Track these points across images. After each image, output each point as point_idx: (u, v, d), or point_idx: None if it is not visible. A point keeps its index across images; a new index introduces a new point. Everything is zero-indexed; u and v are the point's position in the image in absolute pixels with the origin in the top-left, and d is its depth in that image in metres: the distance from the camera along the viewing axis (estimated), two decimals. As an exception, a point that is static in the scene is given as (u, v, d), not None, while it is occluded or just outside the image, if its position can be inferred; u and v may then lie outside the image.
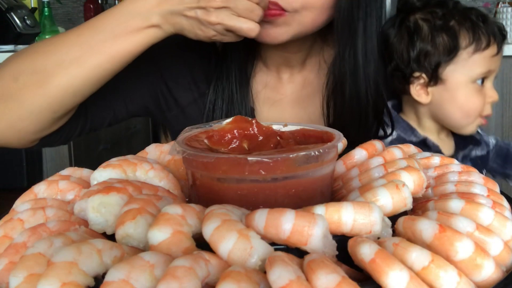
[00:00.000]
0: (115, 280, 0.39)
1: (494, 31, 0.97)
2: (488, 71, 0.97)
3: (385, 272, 0.41)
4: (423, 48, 0.97)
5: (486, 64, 0.97)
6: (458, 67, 0.96)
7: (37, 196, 0.61)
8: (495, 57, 0.97)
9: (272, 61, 1.02)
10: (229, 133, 0.61)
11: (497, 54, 0.97)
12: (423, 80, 0.99)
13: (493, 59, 0.97)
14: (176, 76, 1.02)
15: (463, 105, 0.98)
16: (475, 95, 0.98)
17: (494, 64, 0.98)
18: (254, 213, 0.47)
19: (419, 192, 0.58)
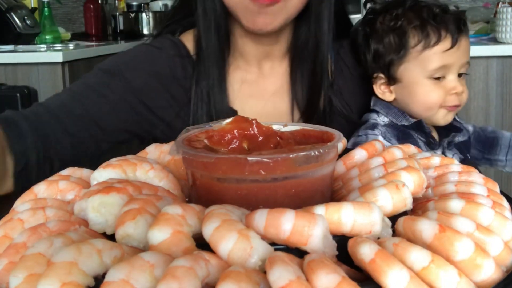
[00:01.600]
0: (115, 280, 0.39)
1: (447, 25, 0.98)
2: (442, 65, 0.98)
3: (385, 272, 0.41)
4: (376, 49, 1.03)
5: (439, 59, 0.99)
6: (411, 65, 1.00)
7: (37, 196, 0.61)
8: (449, 51, 0.98)
9: (252, 56, 1.03)
10: (229, 133, 0.61)
11: (451, 48, 0.98)
12: (383, 80, 1.04)
13: (448, 53, 0.98)
14: (153, 97, 1.01)
15: (422, 100, 1.02)
16: (433, 90, 1.00)
17: (450, 58, 0.98)
18: (254, 213, 0.47)
19: (419, 192, 0.58)
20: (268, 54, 1.03)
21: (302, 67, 1.02)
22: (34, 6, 2.64)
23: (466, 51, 1.00)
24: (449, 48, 0.98)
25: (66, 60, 2.14)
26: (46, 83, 2.14)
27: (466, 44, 1.00)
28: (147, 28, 3.52)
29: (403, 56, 1.00)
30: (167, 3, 3.81)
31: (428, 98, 1.01)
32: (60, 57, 2.12)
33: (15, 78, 2.14)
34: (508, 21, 2.07)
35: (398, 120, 1.04)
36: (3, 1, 2.33)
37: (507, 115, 2.31)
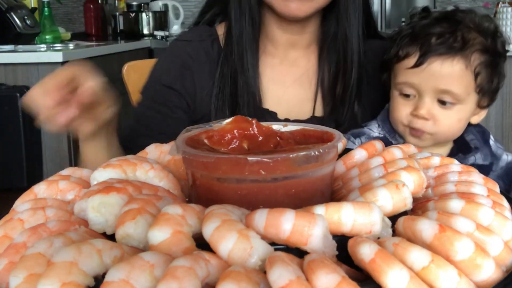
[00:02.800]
0: (115, 280, 0.39)
1: (423, 43, 0.91)
2: (405, 82, 0.94)
3: (385, 272, 0.41)
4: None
5: (403, 75, 0.94)
6: (391, 75, 0.98)
7: (37, 196, 0.61)
8: (413, 69, 0.91)
9: (279, 43, 1.07)
10: (229, 133, 0.61)
11: (413, 67, 0.91)
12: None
13: (411, 72, 0.92)
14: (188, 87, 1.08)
15: (391, 113, 0.99)
16: (398, 104, 0.96)
17: (415, 78, 0.92)
18: (254, 213, 0.47)
19: (419, 192, 0.58)
20: (294, 43, 1.07)
21: (330, 58, 1.06)
22: (34, 6, 2.64)
23: (440, 78, 0.90)
24: (411, 67, 0.91)
25: (66, 60, 2.14)
26: (46, 83, 2.13)
27: (445, 70, 0.90)
28: (147, 28, 3.52)
29: (386, 66, 0.99)
30: (167, 3, 3.81)
31: (394, 112, 0.97)
32: (60, 57, 2.12)
33: (15, 78, 2.14)
34: (508, 21, 2.06)
35: (391, 137, 1.00)
36: (3, 1, 2.33)
37: (507, 115, 2.30)
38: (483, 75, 0.92)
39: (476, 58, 0.90)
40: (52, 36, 2.65)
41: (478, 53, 0.91)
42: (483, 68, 0.91)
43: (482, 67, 0.91)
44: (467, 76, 0.90)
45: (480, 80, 0.91)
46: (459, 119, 0.93)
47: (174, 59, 1.08)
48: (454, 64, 0.90)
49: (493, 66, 0.93)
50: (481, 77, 0.91)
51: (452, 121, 0.93)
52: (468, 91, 0.91)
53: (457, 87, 0.90)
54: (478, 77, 0.91)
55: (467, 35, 0.90)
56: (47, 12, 2.64)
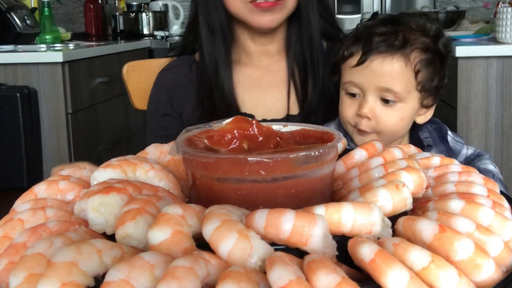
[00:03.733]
0: (115, 280, 0.39)
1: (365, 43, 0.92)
2: (350, 81, 0.94)
3: (385, 272, 0.41)
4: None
5: (348, 75, 0.95)
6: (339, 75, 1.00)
7: (37, 196, 0.61)
8: (355, 68, 0.92)
9: (252, 53, 1.14)
10: (229, 133, 0.61)
11: (356, 65, 0.92)
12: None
13: (355, 70, 0.93)
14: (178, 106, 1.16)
15: (339, 112, 1.00)
16: (344, 104, 0.97)
17: (358, 76, 0.93)
18: (254, 213, 0.47)
19: (419, 192, 0.58)
20: (266, 51, 1.14)
21: (298, 60, 1.13)
22: (34, 6, 2.63)
23: (381, 75, 0.91)
24: (354, 66, 0.92)
25: (66, 60, 2.14)
26: (46, 83, 2.13)
27: (385, 67, 0.91)
28: (147, 28, 3.52)
29: (336, 64, 0.99)
30: (167, 3, 3.81)
31: (341, 112, 0.98)
32: (60, 57, 2.12)
33: (15, 78, 2.14)
34: (508, 21, 2.06)
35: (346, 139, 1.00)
36: (3, 1, 2.33)
37: (507, 115, 2.30)
38: (424, 73, 0.93)
39: (416, 56, 0.92)
40: (52, 36, 2.65)
41: (419, 52, 0.92)
42: (423, 67, 0.92)
43: (422, 65, 0.92)
44: (407, 73, 0.92)
45: (420, 78, 0.93)
46: (402, 117, 0.94)
47: (160, 88, 1.17)
48: (394, 62, 0.91)
49: (434, 65, 0.94)
50: (421, 75, 0.93)
51: (394, 119, 0.94)
52: (408, 88, 0.93)
53: (397, 84, 0.91)
54: (418, 74, 0.92)
55: (409, 34, 0.92)
56: (47, 12, 2.64)
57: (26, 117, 2.05)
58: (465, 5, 3.96)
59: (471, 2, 4.02)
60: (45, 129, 2.15)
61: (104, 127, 2.51)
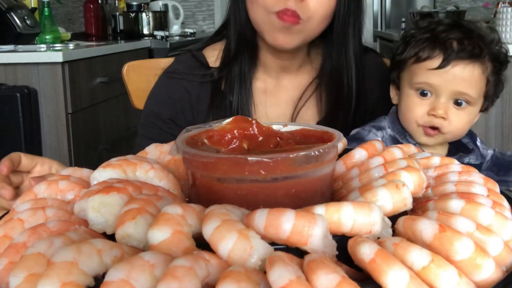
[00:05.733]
0: (115, 280, 0.39)
1: (446, 46, 0.96)
2: (426, 83, 0.97)
3: (385, 272, 0.41)
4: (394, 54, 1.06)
5: (423, 76, 0.98)
6: (405, 74, 1.02)
7: (37, 196, 0.61)
8: (435, 70, 0.96)
9: (272, 68, 1.10)
10: (229, 133, 0.61)
11: (437, 68, 0.96)
12: (394, 84, 1.07)
13: (433, 73, 0.96)
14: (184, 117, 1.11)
15: (404, 110, 1.02)
16: (414, 103, 1.00)
17: (436, 79, 0.96)
18: (254, 213, 0.47)
19: (419, 192, 0.58)
20: (285, 68, 1.10)
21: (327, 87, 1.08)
22: (34, 6, 2.64)
23: (461, 81, 0.96)
24: (435, 68, 0.96)
25: (66, 60, 2.14)
26: (46, 83, 2.14)
27: (466, 73, 0.96)
28: (147, 28, 3.52)
29: (402, 64, 1.02)
30: (167, 3, 3.81)
31: (408, 111, 1.00)
32: (60, 57, 2.12)
33: (15, 78, 2.14)
34: (508, 21, 2.06)
35: (401, 138, 1.04)
36: (3, 1, 2.33)
37: (507, 115, 2.30)
38: (492, 81, 0.99)
39: (489, 65, 0.98)
40: (52, 36, 2.65)
41: (490, 61, 0.98)
42: (492, 75, 0.99)
43: (491, 74, 0.99)
44: (482, 80, 0.98)
45: (489, 85, 0.99)
46: (470, 120, 1.01)
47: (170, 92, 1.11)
48: (474, 69, 0.96)
49: (498, 74, 1.00)
50: (490, 83, 0.99)
51: (464, 122, 1.00)
52: (480, 94, 0.99)
53: (473, 90, 0.97)
54: (488, 83, 0.99)
55: (481, 43, 0.97)
56: (47, 12, 2.64)
57: (26, 117, 2.05)
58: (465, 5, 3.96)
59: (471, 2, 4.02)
60: (45, 129, 2.15)
61: (104, 127, 2.52)
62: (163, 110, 1.10)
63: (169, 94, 1.11)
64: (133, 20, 3.52)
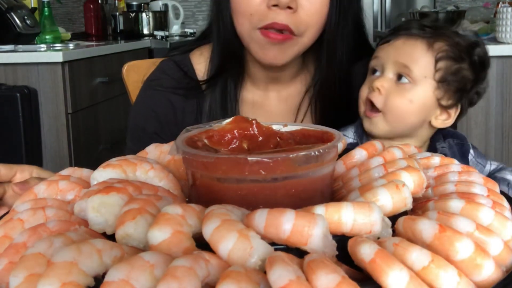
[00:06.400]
0: (115, 280, 0.39)
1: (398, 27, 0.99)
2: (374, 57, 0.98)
3: (385, 272, 0.41)
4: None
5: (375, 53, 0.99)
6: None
7: (37, 196, 0.61)
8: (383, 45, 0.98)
9: (260, 79, 1.04)
10: (229, 133, 0.61)
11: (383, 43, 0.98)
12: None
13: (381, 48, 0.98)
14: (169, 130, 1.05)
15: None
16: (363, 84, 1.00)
17: (381, 52, 0.97)
18: (254, 213, 0.47)
19: (419, 192, 0.58)
20: (274, 79, 1.04)
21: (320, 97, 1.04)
22: (34, 6, 2.64)
23: (403, 53, 0.94)
24: (381, 43, 0.98)
25: (66, 60, 2.14)
26: (46, 83, 2.14)
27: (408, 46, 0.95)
28: (147, 28, 3.52)
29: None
30: (167, 3, 3.81)
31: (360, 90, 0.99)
32: (60, 57, 2.12)
33: (15, 78, 2.14)
34: (508, 21, 2.06)
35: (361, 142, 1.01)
36: (3, 1, 2.33)
37: (507, 115, 2.30)
38: (445, 64, 0.94)
39: (441, 46, 0.94)
40: (52, 36, 2.65)
41: (446, 45, 0.94)
42: (446, 58, 0.94)
43: (445, 56, 0.94)
44: (426, 58, 0.94)
45: (440, 66, 0.93)
46: (411, 99, 0.94)
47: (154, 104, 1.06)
48: (416, 44, 0.94)
49: (460, 64, 0.94)
50: (441, 65, 0.94)
51: (403, 100, 0.94)
52: (424, 73, 0.94)
53: (415, 65, 0.94)
54: (438, 62, 0.93)
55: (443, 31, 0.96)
56: (47, 12, 2.64)
57: (26, 117, 2.05)
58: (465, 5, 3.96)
59: (471, 2, 4.02)
60: (45, 129, 2.15)
61: (104, 127, 2.52)
62: (147, 124, 1.06)
63: (152, 107, 1.06)
64: (133, 20, 3.52)
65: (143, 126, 1.07)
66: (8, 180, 0.78)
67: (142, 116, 1.08)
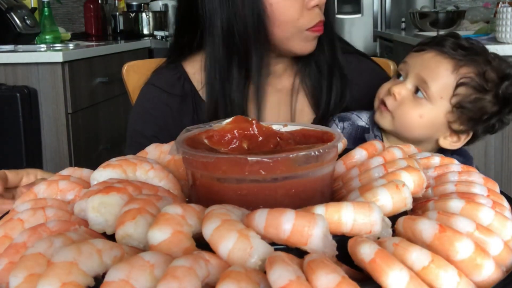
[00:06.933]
0: (115, 280, 0.39)
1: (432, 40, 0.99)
2: (403, 61, 1.00)
3: (385, 272, 0.41)
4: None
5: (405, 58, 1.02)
6: None
7: (37, 196, 0.61)
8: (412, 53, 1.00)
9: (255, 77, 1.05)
10: (229, 133, 0.61)
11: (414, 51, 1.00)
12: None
13: (410, 55, 1.00)
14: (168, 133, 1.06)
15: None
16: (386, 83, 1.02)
17: (409, 59, 0.99)
18: (254, 213, 0.47)
19: (419, 192, 0.58)
20: (270, 72, 1.07)
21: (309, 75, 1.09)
22: (34, 6, 2.64)
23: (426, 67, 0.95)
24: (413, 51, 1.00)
25: (66, 60, 2.14)
26: (46, 83, 2.14)
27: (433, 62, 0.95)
28: (147, 28, 3.52)
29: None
30: (167, 3, 3.81)
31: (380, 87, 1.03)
32: (60, 57, 2.12)
33: (15, 78, 2.14)
34: (508, 21, 2.06)
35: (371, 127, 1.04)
36: (3, 1, 2.33)
37: (507, 115, 2.30)
38: (465, 91, 0.92)
39: (467, 72, 0.92)
40: (52, 36, 2.65)
41: (472, 72, 0.92)
42: (468, 86, 0.92)
43: (467, 84, 0.92)
44: (448, 79, 0.93)
45: (459, 92, 0.92)
46: (421, 114, 0.95)
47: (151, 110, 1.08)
48: (442, 63, 0.94)
49: (482, 94, 0.93)
50: (461, 90, 0.92)
51: (413, 112, 0.95)
52: (442, 94, 0.93)
53: (434, 82, 0.93)
54: (458, 88, 0.92)
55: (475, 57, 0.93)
56: (47, 12, 2.64)
57: (26, 117, 2.05)
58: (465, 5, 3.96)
59: (471, 2, 4.02)
60: (45, 129, 2.15)
61: (104, 127, 2.52)
62: (146, 127, 1.08)
63: (150, 111, 1.08)
64: (133, 20, 3.51)
65: (141, 130, 1.08)
66: (15, 186, 0.79)
67: (140, 120, 1.10)
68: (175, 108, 1.07)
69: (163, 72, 1.11)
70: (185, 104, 1.07)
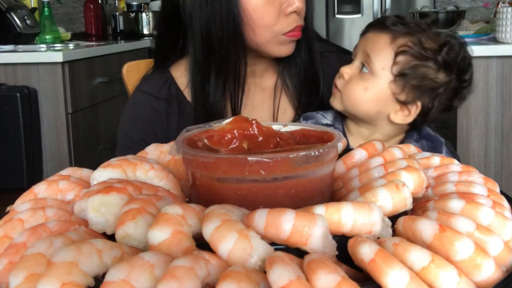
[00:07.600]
0: (115, 280, 0.39)
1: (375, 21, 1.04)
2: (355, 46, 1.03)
3: (385, 272, 0.41)
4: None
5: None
6: None
7: (37, 196, 0.61)
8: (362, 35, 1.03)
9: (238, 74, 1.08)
10: (229, 133, 0.61)
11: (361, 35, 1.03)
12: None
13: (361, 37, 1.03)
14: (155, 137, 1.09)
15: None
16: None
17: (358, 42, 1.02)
18: (254, 213, 0.47)
19: (419, 192, 0.58)
20: (251, 72, 1.09)
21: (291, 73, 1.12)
22: (34, 6, 2.63)
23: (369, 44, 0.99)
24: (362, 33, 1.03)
25: (66, 60, 2.14)
26: (46, 83, 2.13)
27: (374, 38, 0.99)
28: (147, 28, 3.52)
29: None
30: (167, 3, 3.80)
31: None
32: (60, 57, 2.11)
33: (15, 78, 2.14)
34: (508, 21, 2.06)
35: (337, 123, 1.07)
36: (3, 1, 2.33)
37: (507, 115, 2.31)
38: (405, 59, 0.95)
39: (404, 41, 0.95)
40: (52, 36, 2.65)
41: (410, 41, 0.95)
42: (407, 54, 0.95)
43: (406, 52, 0.95)
44: (387, 50, 0.96)
45: (399, 60, 0.95)
46: (365, 87, 0.98)
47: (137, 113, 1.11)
48: (381, 36, 0.98)
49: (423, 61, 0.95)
50: (401, 59, 0.95)
51: (358, 86, 0.98)
52: (383, 65, 0.96)
53: (376, 57, 0.96)
54: (397, 56, 0.95)
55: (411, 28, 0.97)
56: (47, 12, 2.64)
57: (26, 117, 2.05)
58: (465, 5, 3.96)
59: (471, 2, 4.02)
60: (45, 129, 2.15)
61: (104, 127, 2.52)
62: (133, 131, 1.11)
63: (136, 115, 1.11)
64: (133, 20, 3.51)
65: (129, 134, 1.11)
66: None
67: (128, 124, 1.13)
68: (162, 111, 1.09)
69: (150, 78, 1.14)
70: (171, 107, 1.10)
